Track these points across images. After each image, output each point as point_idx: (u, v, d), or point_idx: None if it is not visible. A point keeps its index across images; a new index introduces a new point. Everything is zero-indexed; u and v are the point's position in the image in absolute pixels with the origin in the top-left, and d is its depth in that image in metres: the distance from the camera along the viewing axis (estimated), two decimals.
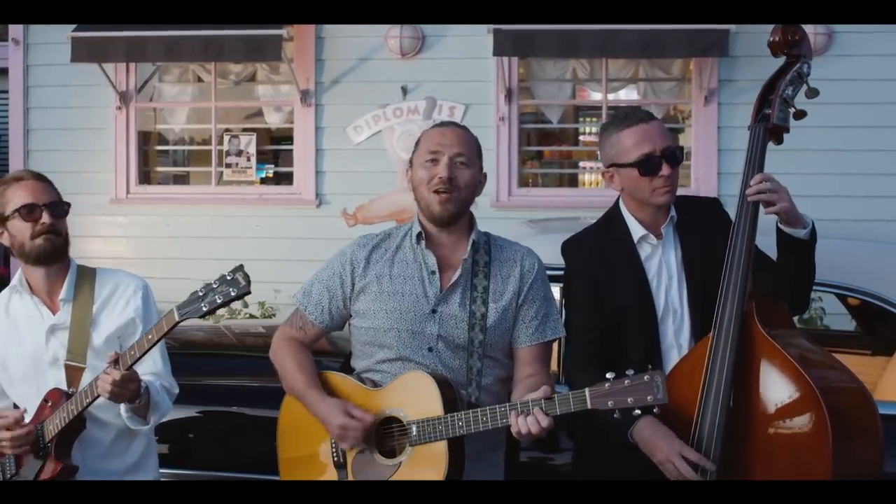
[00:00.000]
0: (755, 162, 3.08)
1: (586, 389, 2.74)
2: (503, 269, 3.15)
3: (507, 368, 3.14)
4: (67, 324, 3.22)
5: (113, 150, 9.08)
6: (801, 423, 2.83)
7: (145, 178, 9.34)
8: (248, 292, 2.79)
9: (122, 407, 3.09)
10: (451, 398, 2.96)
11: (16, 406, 3.26)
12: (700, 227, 3.24)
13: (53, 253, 3.22)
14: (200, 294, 2.84)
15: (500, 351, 3.12)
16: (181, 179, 10.20)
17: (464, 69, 8.58)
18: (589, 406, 2.73)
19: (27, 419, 3.17)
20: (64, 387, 3.17)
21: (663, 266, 3.22)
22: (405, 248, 3.17)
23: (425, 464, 2.92)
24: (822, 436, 2.77)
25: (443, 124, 3.20)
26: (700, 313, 3.13)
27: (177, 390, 3.33)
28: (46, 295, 3.28)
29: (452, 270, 3.12)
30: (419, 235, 3.14)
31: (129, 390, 2.99)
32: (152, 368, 3.26)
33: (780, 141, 3.16)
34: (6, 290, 3.34)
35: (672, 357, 3.16)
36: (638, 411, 2.71)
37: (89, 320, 3.22)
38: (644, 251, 3.23)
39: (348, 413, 2.99)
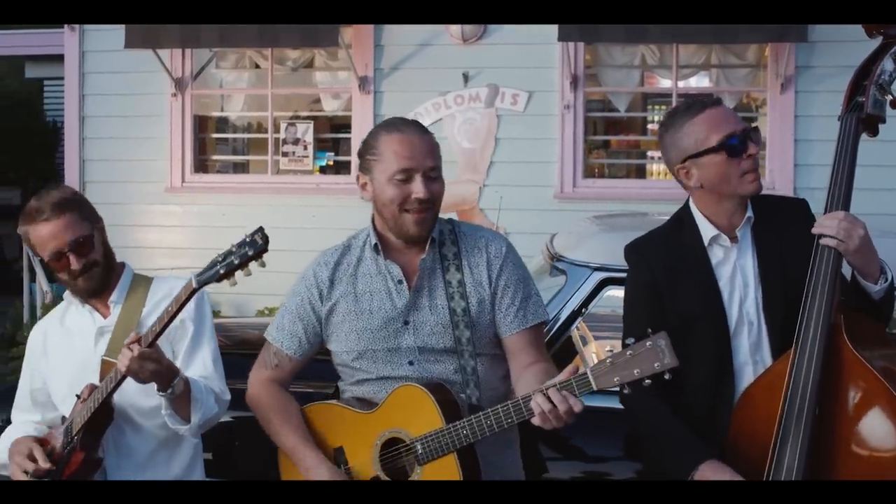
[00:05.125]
0: (846, 156, 2.78)
1: (587, 370, 2.51)
2: (471, 258, 2.93)
3: (498, 359, 2.95)
4: (114, 324, 3.11)
5: (168, 138, 8.97)
6: None
7: (201, 166, 9.21)
8: (265, 250, 2.66)
9: (163, 402, 2.93)
10: (451, 403, 2.77)
11: (63, 419, 3.14)
12: (782, 230, 2.93)
13: (99, 286, 3.13)
14: (219, 259, 2.69)
15: (490, 345, 2.92)
16: (240, 168, 10.09)
17: (527, 55, 8.34)
18: (594, 387, 2.50)
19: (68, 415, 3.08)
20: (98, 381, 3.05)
21: (738, 272, 2.92)
22: (366, 261, 2.97)
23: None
24: None
25: (404, 129, 2.90)
26: (780, 327, 2.84)
27: (228, 397, 3.15)
28: (99, 301, 3.18)
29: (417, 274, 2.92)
30: (375, 247, 2.93)
31: (148, 370, 2.81)
32: (201, 371, 3.11)
33: (875, 132, 2.87)
34: (64, 302, 3.27)
35: (746, 375, 2.87)
36: (648, 381, 2.47)
37: (136, 321, 3.09)
38: (715, 256, 2.93)
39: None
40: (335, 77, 9.23)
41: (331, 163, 9.56)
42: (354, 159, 8.63)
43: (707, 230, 2.94)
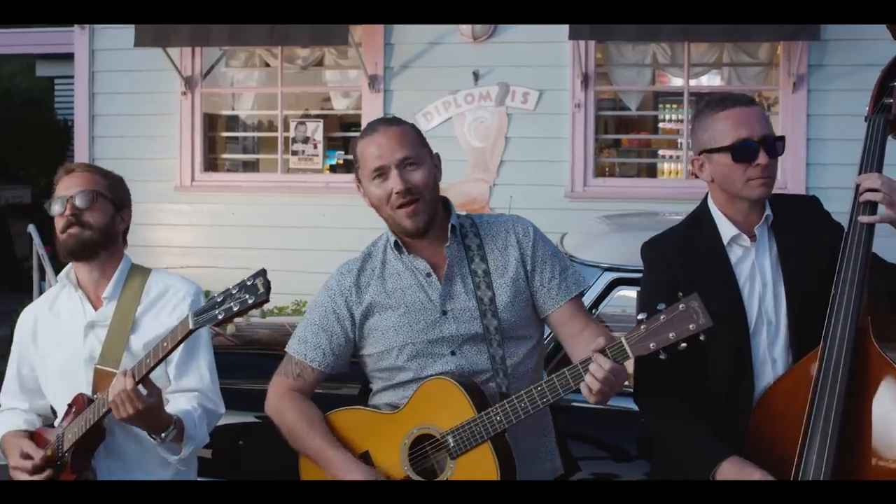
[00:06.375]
0: (873, 157, 2.74)
1: (622, 337, 2.50)
2: (497, 242, 2.92)
3: (527, 342, 2.92)
4: (107, 322, 3.03)
5: (178, 137, 8.96)
6: None
7: (211, 165, 9.20)
8: (266, 300, 2.59)
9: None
10: (479, 393, 2.75)
11: (53, 410, 3.12)
12: (799, 228, 2.90)
13: (78, 248, 3.01)
14: (219, 300, 2.63)
15: (518, 328, 2.89)
16: (250, 167, 10.08)
17: (538, 53, 8.30)
18: (630, 355, 2.50)
19: (58, 419, 3.03)
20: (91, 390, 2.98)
21: (756, 271, 2.88)
22: (391, 261, 2.94)
23: (474, 473, 2.70)
24: None
25: (373, 129, 2.91)
26: (798, 325, 2.81)
27: (222, 411, 3.09)
28: (92, 290, 3.09)
29: (445, 263, 2.90)
30: (396, 245, 2.90)
31: (130, 410, 2.74)
32: (196, 384, 3.03)
33: None
34: (57, 285, 3.18)
35: (765, 373, 2.83)
36: (684, 345, 2.46)
37: (130, 322, 3.01)
38: (734, 254, 2.90)
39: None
40: (345, 75, 9.21)
41: (340, 161, 9.55)
42: None
43: (727, 229, 2.91)
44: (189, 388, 3.01)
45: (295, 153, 9.03)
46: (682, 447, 2.83)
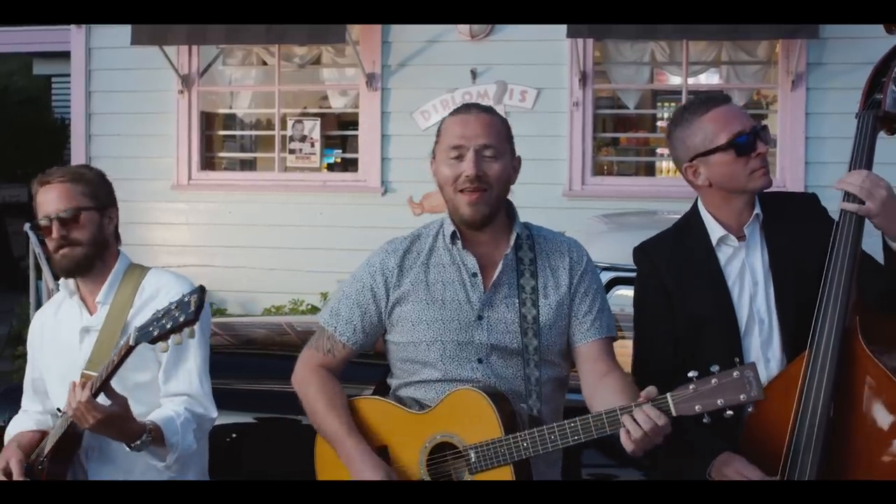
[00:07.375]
0: (863, 154, 2.72)
1: (668, 395, 2.45)
2: (551, 260, 2.84)
3: (557, 368, 2.83)
4: (100, 326, 2.99)
5: (175, 135, 8.95)
6: None
7: (208, 163, 9.18)
8: (194, 320, 2.55)
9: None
10: (510, 414, 2.67)
11: (59, 410, 3.05)
12: (792, 225, 2.88)
13: (73, 267, 2.99)
14: (159, 316, 2.60)
15: (557, 353, 2.81)
16: (247, 165, 10.06)
17: (536, 51, 8.31)
18: (673, 413, 2.42)
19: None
20: None
21: (746, 271, 2.86)
22: (439, 250, 2.86)
23: None
24: None
25: (465, 109, 2.85)
26: (792, 324, 2.79)
27: (214, 415, 3.01)
28: (89, 294, 3.06)
29: (495, 269, 2.81)
30: (453, 235, 2.83)
31: (90, 421, 2.70)
32: (185, 388, 2.96)
33: (893, 131, 2.81)
34: (61, 291, 3.15)
35: (760, 373, 2.78)
36: (730, 412, 2.42)
37: (122, 326, 2.96)
38: (723, 255, 2.88)
39: (390, 479, 2.70)
40: (343, 74, 9.19)
41: (338, 160, 9.55)
42: (362, 156, 8.67)
43: (715, 231, 2.89)
44: (177, 393, 2.95)
45: (292, 152, 9.01)
46: (677, 445, 2.83)
